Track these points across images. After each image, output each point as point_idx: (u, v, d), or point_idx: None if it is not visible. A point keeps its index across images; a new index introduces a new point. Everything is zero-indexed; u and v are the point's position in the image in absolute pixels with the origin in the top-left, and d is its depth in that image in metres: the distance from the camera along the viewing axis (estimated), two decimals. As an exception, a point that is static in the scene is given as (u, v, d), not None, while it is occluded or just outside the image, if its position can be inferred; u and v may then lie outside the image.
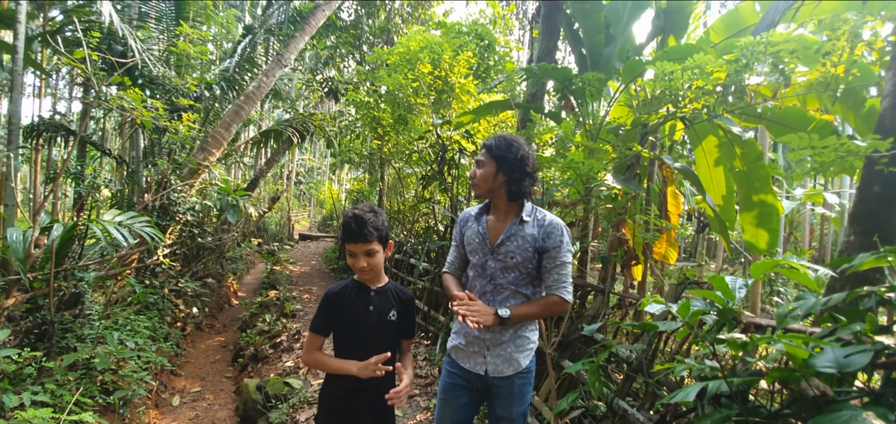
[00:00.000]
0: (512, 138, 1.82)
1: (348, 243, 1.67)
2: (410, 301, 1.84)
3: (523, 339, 1.83)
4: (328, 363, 1.73)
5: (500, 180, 1.78)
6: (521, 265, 1.77)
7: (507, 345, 1.80)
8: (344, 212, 1.72)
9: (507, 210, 1.83)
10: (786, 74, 2.28)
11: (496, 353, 1.80)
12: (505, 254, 1.78)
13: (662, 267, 4.17)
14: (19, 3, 4.45)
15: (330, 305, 1.74)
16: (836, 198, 8.18)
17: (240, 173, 17.74)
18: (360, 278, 1.75)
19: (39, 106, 15.36)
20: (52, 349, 3.78)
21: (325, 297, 1.76)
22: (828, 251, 12.63)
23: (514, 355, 1.79)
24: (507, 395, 1.80)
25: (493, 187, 1.80)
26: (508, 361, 1.79)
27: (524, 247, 1.77)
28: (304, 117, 10.74)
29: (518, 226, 1.79)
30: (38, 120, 8.08)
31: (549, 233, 1.77)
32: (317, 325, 1.74)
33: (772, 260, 1.24)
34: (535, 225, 1.79)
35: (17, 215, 4.60)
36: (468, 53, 6.01)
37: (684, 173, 3.56)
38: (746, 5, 3.96)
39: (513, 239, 1.78)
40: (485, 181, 1.80)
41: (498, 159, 1.78)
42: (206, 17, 8.72)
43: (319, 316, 1.75)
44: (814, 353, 1.20)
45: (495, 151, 1.79)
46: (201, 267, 7.72)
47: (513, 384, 1.80)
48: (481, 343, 1.81)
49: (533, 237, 1.77)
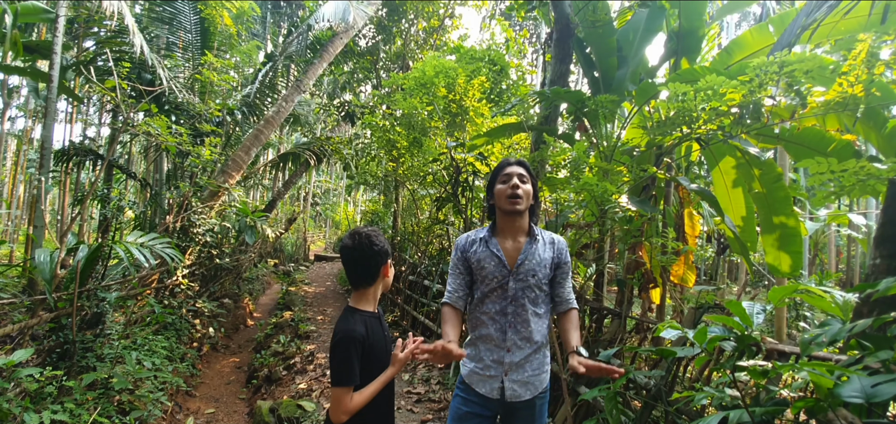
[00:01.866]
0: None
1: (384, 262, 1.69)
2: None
3: (540, 362, 1.82)
4: (370, 394, 1.58)
5: (531, 199, 1.83)
6: (539, 282, 1.80)
7: (525, 369, 1.79)
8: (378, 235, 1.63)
9: (519, 230, 1.84)
10: (801, 94, 2.25)
11: (514, 378, 1.78)
12: (526, 273, 1.79)
13: (682, 290, 4.08)
14: (55, 35, 4.70)
15: (359, 347, 1.55)
16: (862, 219, 7.92)
17: (258, 195, 18.09)
18: (377, 297, 1.73)
19: (70, 131, 16.04)
20: (72, 368, 3.86)
21: (353, 340, 1.54)
22: (856, 274, 12.17)
23: (531, 379, 1.79)
24: (529, 417, 1.80)
25: (529, 204, 1.83)
26: (526, 385, 1.78)
27: (542, 265, 1.80)
28: (321, 141, 10.96)
29: (532, 245, 1.81)
30: (69, 145, 8.42)
31: (561, 250, 1.86)
32: (350, 375, 1.51)
33: (790, 285, 1.21)
34: (546, 244, 1.84)
35: (46, 236, 4.76)
36: (482, 77, 6.09)
37: (701, 195, 3.51)
38: (760, 28, 3.94)
39: (531, 258, 1.80)
40: (528, 198, 1.81)
41: (534, 180, 1.85)
42: (229, 46, 9.05)
43: (352, 364, 1.52)
44: (840, 382, 1.16)
45: (531, 171, 1.85)
46: (218, 288, 7.83)
47: (534, 405, 1.81)
48: (499, 367, 1.79)
49: (549, 255, 1.83)
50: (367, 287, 1.67)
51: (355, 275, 1.66)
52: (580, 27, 4.38)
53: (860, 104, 2.22)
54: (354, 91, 13.63)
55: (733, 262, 14.16)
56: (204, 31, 8.60)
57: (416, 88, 5.91)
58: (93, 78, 5.78)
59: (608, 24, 4.19)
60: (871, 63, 2.30)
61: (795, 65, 2.07)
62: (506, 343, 1.78)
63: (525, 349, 1.78)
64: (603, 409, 2.51)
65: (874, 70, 2.26)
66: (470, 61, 6.85)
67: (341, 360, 1.51)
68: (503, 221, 1.85)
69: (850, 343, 1.43)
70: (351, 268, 1.65)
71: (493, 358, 1.79)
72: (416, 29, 11.98)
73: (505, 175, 1.83)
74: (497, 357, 1.78)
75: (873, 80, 2.12)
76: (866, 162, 1.64)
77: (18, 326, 3.75)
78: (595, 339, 3.08)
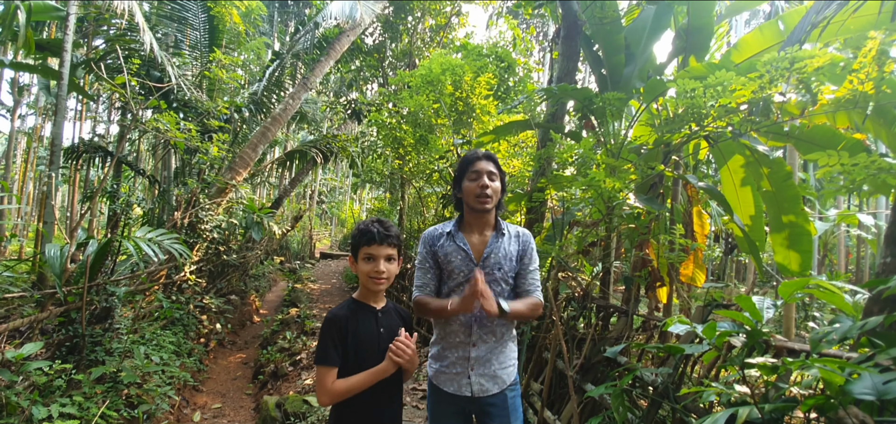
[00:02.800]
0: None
1: (369, 245, 1.59)
2: (410, 318, 1.83)
3: (505, 355, 1.82)
4: (357, 383, 1.54)
5: (499, 195, 1.82)
6: (506, 276, 1.80)
7: (491, 363, 1.78)
8: (357, 222, 1.72)
9: (486, 224, 1.84)
10: (812, 91, 2.23)
11: (480, 371, 1.77)
12: (492, 267, 1.79)
13: (689, 289, 4.05)
14: (66, 33, 4.75)
15: (339, 329, 1.57)
16: (871, 219, 7.82)
17: (265, 192, 18.19)
18: (372, 289, 1.64)
19: (80, 128, 16.21)
20: (81, 361, 3.90)
21: (331, 321, 1.58)
22: (865, 275, 12.03)
23: (498, 372, 1.78)
24: (502, 411, 1.78)
25: (497, 201, 1.82)
26: (493, 379, 1.77)
27: (509, 258, 1.81)
28: (327, 138, 11.00)
29: (498, 239, 1.82)
30: (78, 142, 8.51)
31: (526, 241, 1.86)
32: (327, 356, 1.54)
33: (802, 280, 1.20)
34: (511, 237, 1.85)
35: (55, 231, 4.82)
36: (488, 74, 6.08)
37: (710, 193, 3.48)
38: (770, 24, 3.90)
39: (497, 252, 1.80)
40: (496, 195, 1.81)
41: (502, 175, 1.84)
42: (237, 43, 9.10)
43: (327, 345, 1.55)
44: (851, 379, 1.15)
45: (499, 165, 1.84)
46: (225, 284, 7.89)
47: (506, 398, 1.80)
48: (464, 363, 1.77)
49: (515, 249, 1.83)
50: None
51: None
52: (588, 24, 4.36)
53: (870, 101, 2.19)
54: (361, 89, 13.66)
55: (741, 262, 14.05)
56: (212, 28, 8.65)
57: (422, 86, 5.91)
58: (103, 75, 5.84)
59: (616, 21, 4.17)
60: (881, 61, 2.27)
61: (806, 61, 2.05)
62: (471, 338, 1.78)
63: (490, 343, 1.78)
64: (609, 407, 2.50)
65: (884, 68, 2.23)
66: (477, 58, 6.84)
67: (320, 340, 1.59)
68: (470, 215, 1.85)
69: (861, 341, 1.42)
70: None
71: (457, 355, 1.78)
72: (422, 27, 11.98)
73: (474, 172, 1.80)
74: (462, 354, 1.78)
75: (884, 77, 2.09)
76: (877, 157, 1.63)
77: (28, 320, 3.80)
78: (601, 337, 3.07)
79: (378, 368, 1.58)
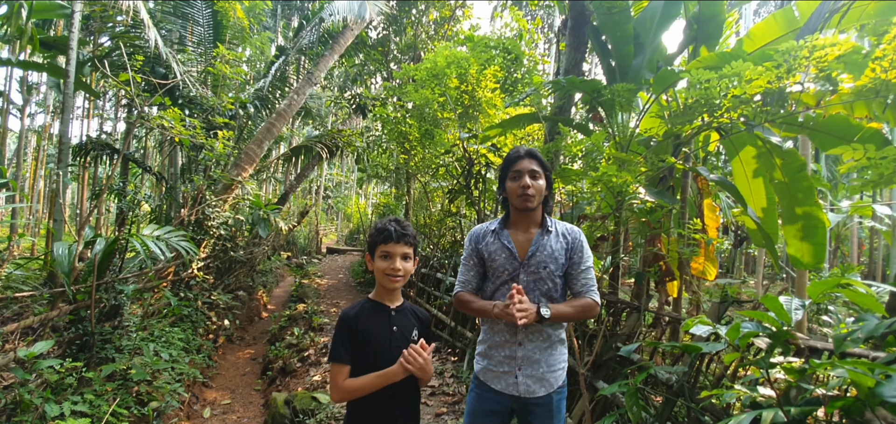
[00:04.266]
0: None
1: (385, 243, 1.60)
2: (429, 321, 1.79)
3: (555, 358, 1.77)
4: (366, 384, 1.56)
5: (545, 192, 1.78)
6: (552, 274, 1.76)
7: (539, 364, 1.74)
8: (374, 223, 1.74)
9: (532, 222, 1.81)
10: (833, 80, 2.16)
11: (528, 372, 1.74)
12: (537, 265, 1.76)
13: (699, 283, 4.00)
14: (72, 31, 4.75)
15: (350, 328, 1.60)
16: (886, 209, 7.68)
17: (271, 188, 18.25)
18: (387, 287, 1.64)
19: (87, 126, 16.30)
20: (92, 359, 3.93)
21: (343, 320, 1.61)
22: (879, 267, 11.86)
23: (546, 375, 1.74)
24: (547, 413, 1.76)
25: (542, 199, 1.79)
26: (541, 381, 1.74)
27: (554, 257, 1.76)
28: (332, 133, 10.98)
29: (544, 237, 1.78)
30: (86, 139, 8.56)
31: (575, 239, 1.80)
32: (339, 353, 1.58)
33: (832, 279, 1.15)
34: (558, 235, 1.80)
35: (65, 229, 4.84)
36: (495, 66, 6.01)
37: (722, 185, 3.42)
38: (785, 12, 3.80)
39: (542, 250, 1.77)
40: (540, 194, 1.77)
41: (547, 172, 1.80)
42: (242, 39, 9.09)
43: (340, 343, 1.58)
44: (881, 380, 1.10)
45: (544, 162, 1.80)
46: (233, 280, 7.92)
47: (552, 400, 1.77)
48: (512, 363, 1.75)
49: (561, 247, 1.78)
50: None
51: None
52: (595, 14, 4.28)
53: (893, 90, 2.12)
54: (366, 83, 13.61)
55: (750, 255, 13.89)
56: (216, 24, 8.64)
57: (427, 79, 5.85)
58: (108, 73, 5.84)
59: (625, 10, 4.09)
60: (904, 47, 2.19)
61: (827, 49, 1.98)
62: (517, 338, 1.75)
63: (537, 343, 1.75)
64: (622, 405, 2.46)
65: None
66: (483, 50, 6.77)
67: (333, 337, 1.61)
68: (516, 214, 1.83)
69: (888, 340, 1.37)
70: None
71: (505, 354, 1.76)
72: (427, 19, 11.89)
73: (515, 171, 1.78)
74: (509, 353, 1.75)
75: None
76: (906, 149, 1.57)
77: (39, 318, 3.82)
78: (613, 333, 3.03)
79: (388, 371, 1.56)
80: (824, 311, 6.67)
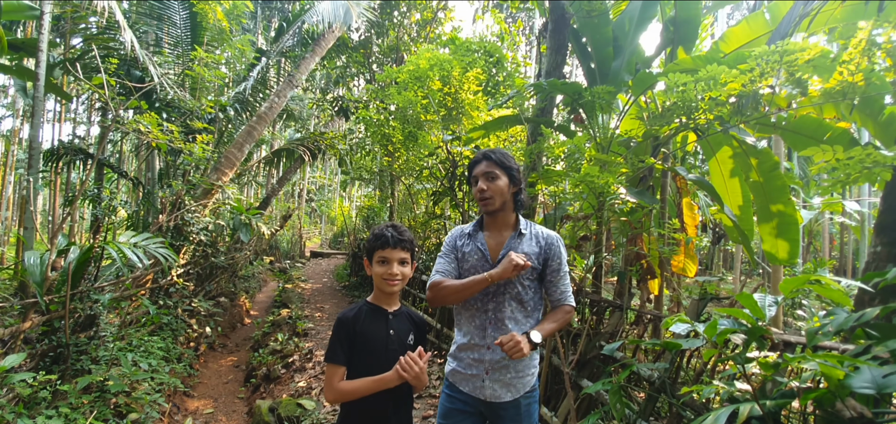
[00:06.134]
0: (504, 150, 1.83)
1: (383, 249, 1.62)
2: (424, 324, 1.80)
3: (524, 364, 1.76)
4: (360, 388, 1.58)
5: (510, 192, 1.78)
6: (522, 279, 1.75)
7: (508, 370, 1.73)
8: (373, 228, 1.75)
9: (504, 224, 1.82)
10: (802, 83, 2.24)
11: (495, 378, 1.73)
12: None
13: (679, 280, 4.09)
14: (41, 33, 4.59)
15: (346, 330, 1.62)
16: (856, 205, 7.98)
17: (252, 192, 17.96)
18: (385, 291, 1.66)
19: (59, 130, 15.77)
20: (66, 371, 3.81)
21: (340, 322, 1.64)
22: (849, 261, 12.31)
23: (513, 381, 1.74)
24: (515, 417, 1.75)
25: (505, 199, 1.78)
26: (508, 386, 1.73)
27: (526, 259, 1.75)
28: (315, 136, 10.87)
29: (517, 240, 1.78)
30: (58, 144, 8.29)
31: (550, 245, 1.79)
32: (335, 354, 1.60)
33: (802, 276, 1.19)
34: (533, 239, 1.80)
35: (36, 237, 4.68)
36: (477, 69, 6.04)
37: (699, 184, 3.51)
38: (756, 16, 3.93)
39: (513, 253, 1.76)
40: (500, 195, 1.76)
41: (507, 171, 1.77)
42: (220, 41, 8.92)
43: (336, 344, 1.61)
44: (850, 372, 1.15)
45: (504, 161, 1.78)
46: (214, 286, 7.77)
47: (520, 405, 1.76)
48: (480, 366, 1.74)
49: (534, 251, 1.77)
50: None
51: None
52: (575, 17, 4.34)
53: (859, 93, 2.21)
54: (347, 86, 13.51)
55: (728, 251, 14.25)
56: (194, 26, 8.47)
57: (410, 82, 5.85)
58: (79, 76, 5.66)
59: (604, 13, 4.16)
60: (870, 52, 2.29)
61: (797, 54, 2.06)
62: (486, 341, 1.74)
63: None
64: (606, 402, 2.50)
65: (873, 59, 2.25)
66: (466, 53, 6.79)
67: (330, 339, 1.63)
68: (487, 216, 1.84)
69: (856, 333, 1.43)
70: None
71: (473, 357, 1.75)
72: (409, 21, 11.88)
73: (473, 177, 1.81)
74: (477, 356, 1.75)
75: (873, 68, 2.11)
76: (872, 149, 1.63)
77: (10, 330, 3.68)
78: (596, 332, 3.08)
79: (382, 377, 1.57)
80: (798, 305, 6.90)
